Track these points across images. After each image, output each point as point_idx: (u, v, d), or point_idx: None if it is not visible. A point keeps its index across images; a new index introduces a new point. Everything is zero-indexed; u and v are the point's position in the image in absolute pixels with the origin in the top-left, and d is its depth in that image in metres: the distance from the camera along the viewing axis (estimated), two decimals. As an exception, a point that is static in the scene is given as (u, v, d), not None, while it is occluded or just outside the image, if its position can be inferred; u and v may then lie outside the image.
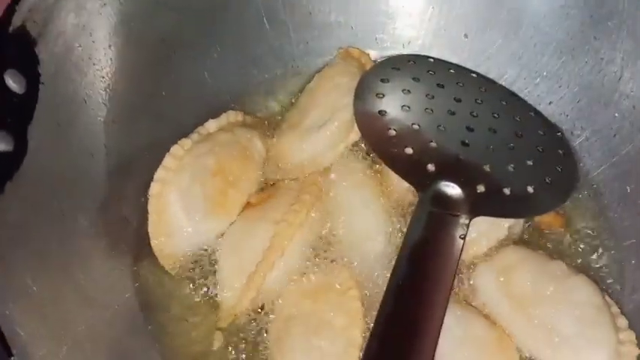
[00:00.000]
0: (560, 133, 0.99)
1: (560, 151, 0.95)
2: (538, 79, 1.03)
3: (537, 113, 1.00)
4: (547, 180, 0.90)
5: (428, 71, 1.00)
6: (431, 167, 0.90)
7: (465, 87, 0.99)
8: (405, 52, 1.10)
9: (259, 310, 0.88)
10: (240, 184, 0.94)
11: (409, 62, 1.03)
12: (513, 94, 1.02)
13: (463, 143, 0.92)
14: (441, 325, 0.75)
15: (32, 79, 0.75)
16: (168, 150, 0.94)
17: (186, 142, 0.95)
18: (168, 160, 0.93)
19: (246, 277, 0.87)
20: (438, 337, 0.75)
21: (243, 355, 0.85)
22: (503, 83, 1.04)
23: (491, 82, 1.03)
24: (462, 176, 0.88)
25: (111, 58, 0.88)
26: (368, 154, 0.99)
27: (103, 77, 0.88)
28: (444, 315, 0.76)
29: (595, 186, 0.98)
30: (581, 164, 0.98)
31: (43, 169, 0.77)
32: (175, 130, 0.97)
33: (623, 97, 0.93)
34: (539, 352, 0.82)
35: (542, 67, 1.03)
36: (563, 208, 0.96)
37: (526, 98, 1.02)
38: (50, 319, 0.76)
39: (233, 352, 0.86)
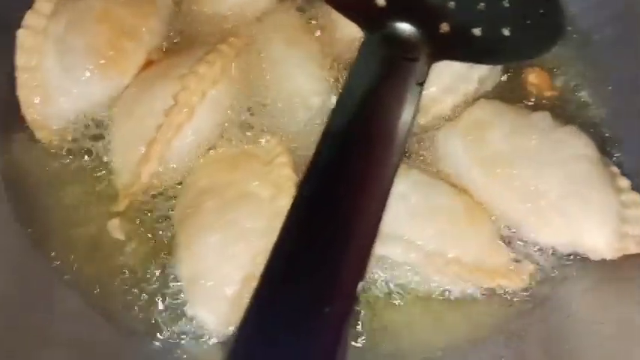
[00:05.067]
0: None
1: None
2: None
3: None
4: (527, 22, 0.72)
5: None
6: (380, 1, 0.70)
7: None
8: None
9: (164, 186, 0.69)
10: (138, 36, 0.72)
11: None
12: None
13: (420, -26, 0.73)
14: (390, 187, 0.58)
15: None
16: (42, -8, 0.73)
17: (64, -19, 0.73)
18: (40, 3, 0.72)
19: (145, 145, 0.67)
20: (386, 200, 0.57)
21: (142, 242, 0.66)
22: None
23: None
24: (420, 13, 0.70)
25: None
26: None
27: None
28: (394, 175, 0.59)
29: (584, 30, 0.80)
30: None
31: None
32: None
33: None
34: (520, 220, 0.65)
35: None
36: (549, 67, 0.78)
37: None
38: None
39: (131, 240, 0.67)
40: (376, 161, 0.59)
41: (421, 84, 0.65)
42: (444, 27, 0.70)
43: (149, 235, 0.67)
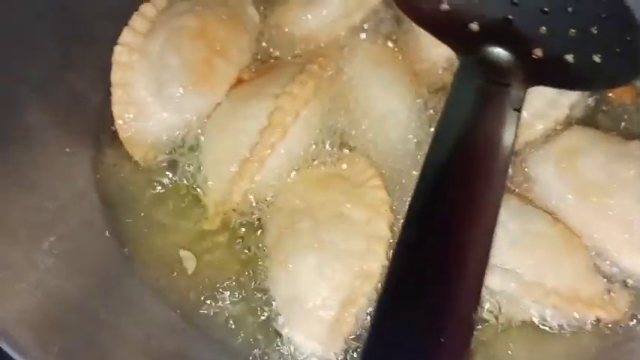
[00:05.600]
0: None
1: (627, 20, 0.76)
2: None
3: None
4: (617, 49, 0.72)
5: None
6: (474, 27, 0.71)
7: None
8: None
9: (256, 205, 0.69)
10: (230, 55, 0.73)
11: None
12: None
13: (512, 2, 0.73)
14: (497, 215, 0.57)
15: None
16: (137, 13, 0.75)
17: (159, 1, 0.75)
18: (136, 21, 0.73)
19: (238, 164, 0.68)
20: (494, 228, 0.57)
21: (235, 261, 0.67)
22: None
23: None
24: (513, 38, 0.70)
25: None
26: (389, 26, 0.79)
27: None
28: (499, 202, 0.58)
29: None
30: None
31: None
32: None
33: None
34: (614, 250, 0.64)
35: None
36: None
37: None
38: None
39: (221, 257, 0.68)
40: (482, 190, 0.59)
41: (518, 110, 0.65)
42: (537, 52, 0.70)
43: (240, 253, 0.68)
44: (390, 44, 0.78)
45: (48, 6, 0.69)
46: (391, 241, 0.64)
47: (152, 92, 0.71)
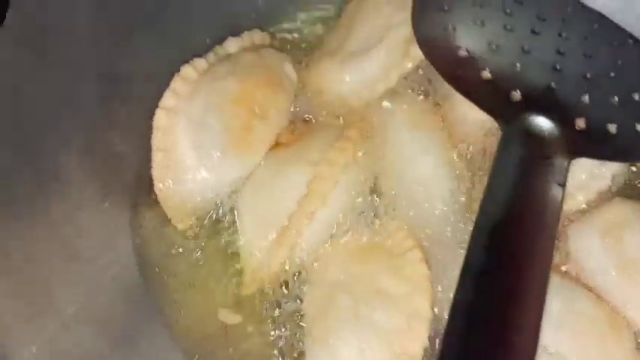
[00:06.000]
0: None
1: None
2: (635, -1, 0.84)
3: (637, 41, 0.80)
4: (660, 118, 0.71)
5: (502, -18, 0.80)
6: (516, 95, 0.70)
7: (546, 4, 0.79)
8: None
9: (293, 274, 0.69)
10: (268, 116, 0.73)
11: (478, -29, 0.82)
12: (604, 17, 0.81)
13: (554, 69, 0.72)
14: (545, 300, 0.56)
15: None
16: (177, 74, 0.75)
17: (200, 63, 0.75)
18: (177, 84, 0.73)
19: (276, 232, 0.68)
20: (542, 308, 0.55)
21: (272, 331, 0.67)
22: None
23: (577, 1, 0.82)
24: (556, 108, 0.69)
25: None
26: (427, 85, 0.78)
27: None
28: (548, 282, 0.57)
29: None
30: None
31: (15, 92, 0.62)
32: (186, 53, 0.77)
33: None
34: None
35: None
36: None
37: (621, 23, 0.80)
38: (25, 281, 0.61)
39: (258, 327, 0.67)
40: (528, 268, 0.57)
41: (562, 185, 0.64)
42: (580, 123, 0.69)
43: (277, 320, 0.68)
44: (427, 107, 0.78)
45: (88, 67, 0.70)
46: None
47: (192, 156, 0.71)
